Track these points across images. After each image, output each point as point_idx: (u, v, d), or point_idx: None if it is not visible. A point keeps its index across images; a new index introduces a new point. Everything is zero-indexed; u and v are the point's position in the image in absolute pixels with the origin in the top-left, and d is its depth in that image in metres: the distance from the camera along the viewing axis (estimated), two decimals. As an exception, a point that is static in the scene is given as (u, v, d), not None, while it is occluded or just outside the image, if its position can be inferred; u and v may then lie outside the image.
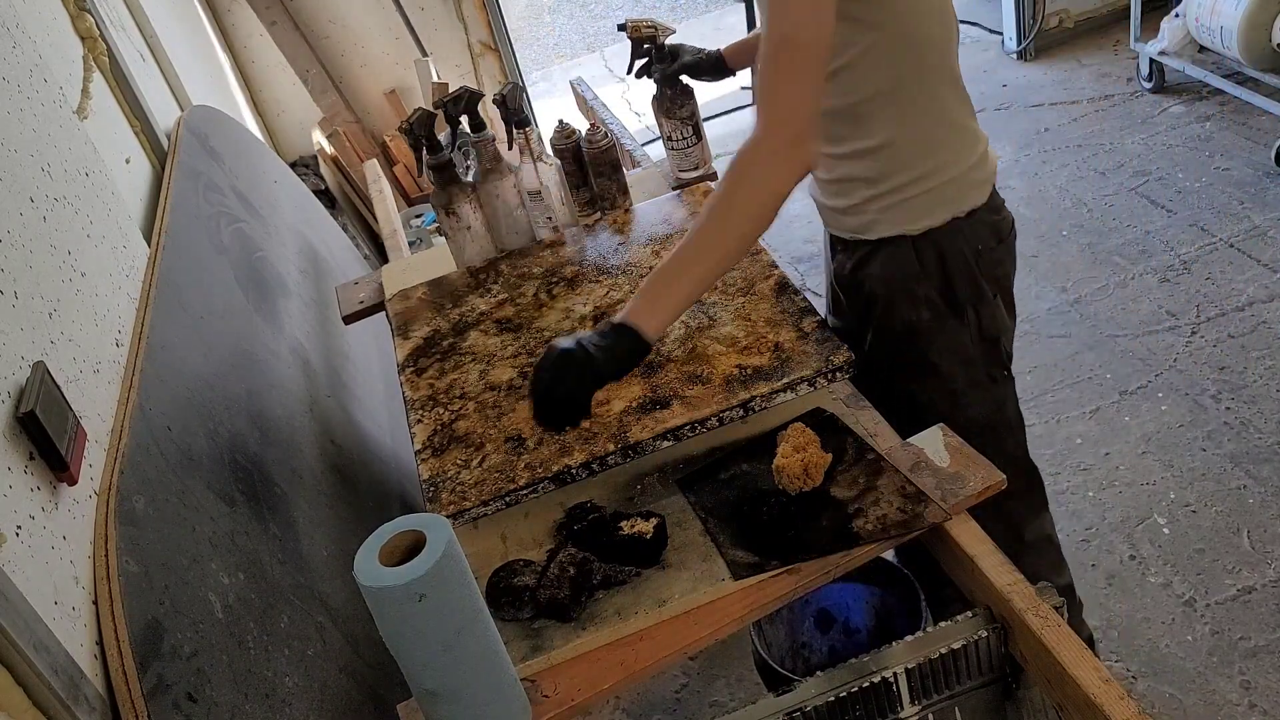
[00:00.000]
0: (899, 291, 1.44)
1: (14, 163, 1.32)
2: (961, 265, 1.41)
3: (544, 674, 1.15)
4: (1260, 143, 3.37)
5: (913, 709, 1.16)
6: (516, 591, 1.21)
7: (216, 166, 2.26)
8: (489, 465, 1.34)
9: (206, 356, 1.62)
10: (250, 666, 1.17)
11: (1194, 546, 2.15)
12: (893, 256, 1.43)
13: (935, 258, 1.41)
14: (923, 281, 1.42)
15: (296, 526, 1.53)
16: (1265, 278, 2.82)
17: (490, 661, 1.02)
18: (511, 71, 4.10)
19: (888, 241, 1.42)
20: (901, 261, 1.42)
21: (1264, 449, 2.32)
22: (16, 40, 1.51)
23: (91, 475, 1.18)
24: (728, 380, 1.36)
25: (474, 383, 1.51)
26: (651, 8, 6.95)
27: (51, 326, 1.24)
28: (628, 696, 2.11)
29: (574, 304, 1.63)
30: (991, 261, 1.44)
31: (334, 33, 3.85)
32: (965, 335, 1.46)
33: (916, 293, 1.43)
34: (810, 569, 1.19)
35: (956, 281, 1.42)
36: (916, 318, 1.45)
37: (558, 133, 1.84)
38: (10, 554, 0.95)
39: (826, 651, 1.74)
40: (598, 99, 2.51)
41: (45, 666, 0.90)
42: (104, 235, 1.55)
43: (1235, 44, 3.30)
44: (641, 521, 1.25)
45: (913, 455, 1.29)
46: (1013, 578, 1.14)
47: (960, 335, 1.46)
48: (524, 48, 6.58)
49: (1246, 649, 1.94)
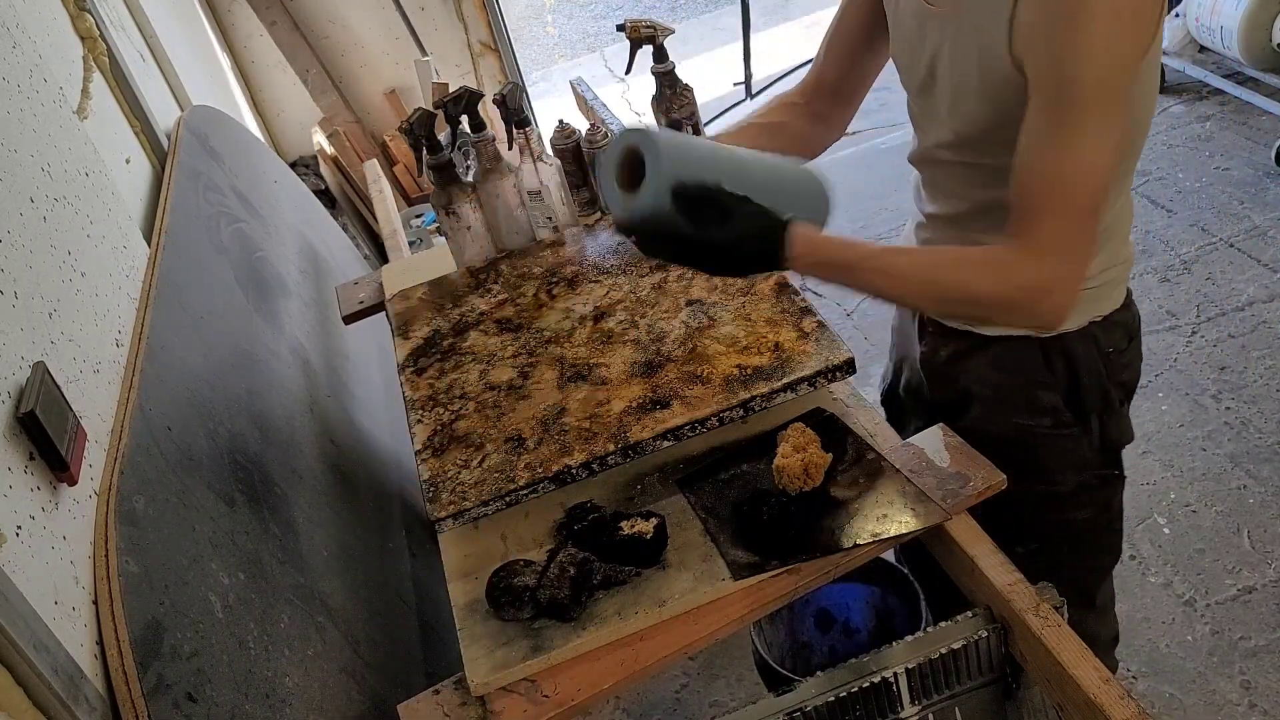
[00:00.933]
0: (1014, 397, 1.29)
1: (14, 163, 1.32)
2: (1092, 372, 1.26)
3: (544, 674, 1.15)
4: (1260, 142, 3.37)
5: (913, 709, 1.16)
6: (516, 591, 1.21)
7: (216, 166, 2.26)
8: (489, 465, 1.34)
9: (206, 356, 1.62)
10: (250, 666, 1.17)
11: (1194, 546, 2.15)
12: (1011, 358, 1.27)
13: (1064, 364, 1.26)
14: (1046, 389, 1.27)
15: (296, 526, 1.53)
16: (1265, 278, 2.82)
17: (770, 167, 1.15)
18: (511, 71, 4.10)
19: (1005, 339, 1.27)
20: (1022, 365, 1.27)
21: (1264, 449, 2.32)
22: (16, 40, 1.51)
23: (91, 475, 1.18)
24: (728, 380, 1.36)
25: (474, 383, 1.51)
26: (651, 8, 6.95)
27: (51, 326, 1.24)
28: (628, 696, 2.11)
29: (574, 304, 1.63)
30: (1120, 365, 1.29)
31: (334, 33, 3.85)
32: (1085, 444, 1.31)
33: (1038, 400, 1.28)
34: (810, 569, 1.19)
35: (1084, 390, 1.27)
36: (1032, 425, 1.30)
37: (558, 133, 1.84)
38: (10, 554, 0.95)
39: (826, 651, 1.74)
40: (598, 99, 2.51)
41: (45, 666, 0.90)
42: (104, 235, 1.55)
43: (1235, 44, 3.31)
44: (641, 521, 1.25)
45: (913, 455, 1.29)
46: (1013, 577, 1.14)
47: (1080, 445, 1.31)
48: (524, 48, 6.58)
49: (1247, 649, 1.94)
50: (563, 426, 1.36)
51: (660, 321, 1.51)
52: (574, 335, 1.55)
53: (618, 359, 1.46)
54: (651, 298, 1.58)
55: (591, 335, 1.54)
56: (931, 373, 1.41)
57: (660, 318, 1.52)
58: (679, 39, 1.82)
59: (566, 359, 1.50)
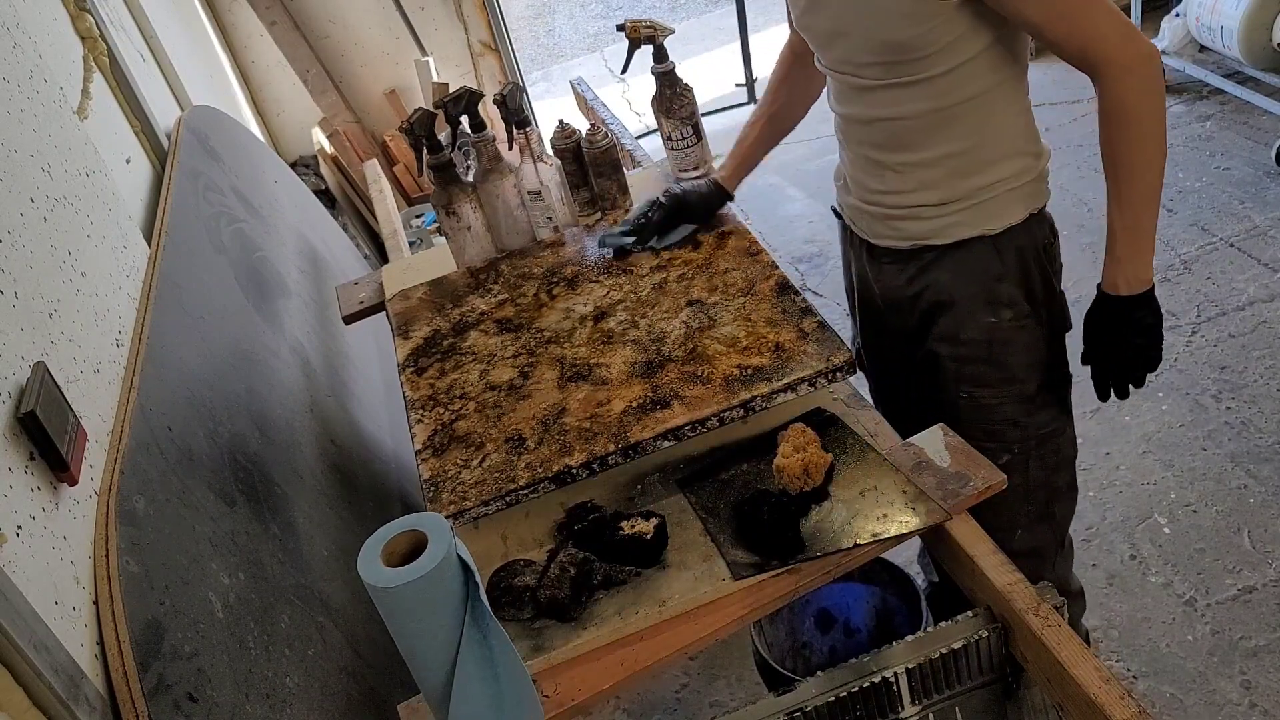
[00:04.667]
0: (978, 295, 1.41)
1: (14, 163, 1.32)
2: (1036, 262, 1.40)
3: (544, 674, 1.15)
4: (1261, 142, 3.37)
5: (913, 709, 1.16)
6: (517, 591, 1.21)
7: (216, 166, 2.26)
8: (489, 465, 1.34)
9: (207, 356, 1.62)
10: (251, 666, 1.17)
11: (1194, 546, 2.15)
12: (969, 259, 1.39)
13: (1015, 256, 1.38)
14: (1005, 281, 1.39)
15: (297, 526, 1.53)
16: (1265, 277, 2.82)
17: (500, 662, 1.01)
18: (511, 71, 4.10)
19: (961, 245, 1.39)
20: (981, 263, 1.39)
21: (1264, 449, 2.32)
22: (17, 40, 1.51)
23: (92, 475, 1.18)
24: (728, 380, 1.36)
25: (474, 383, 1.51)
26: (651, 8, 6.95)
27: (52, 327, 1.24)
28: (628, 696, 2.11)
29: (574, 304, 1.63)
30: (1052, 256, 1.43)
31: (334, 33, 3.85)
32: (1040, 335, 1.43)
33: (999, 293, 1.40)
34: (810, 569, 1.19)
35: (1033, 279, 1.40)
36: (997, 319, 1.41)
37: (558, 133, 1.84)
38: (10, 554, 0.95)
39: (827, 651, 1.74)
40: (598, 99, 2.51)
41: (46, 666, 0.90)
42: (104, 235, 1.55)
43: (1236, 43, 3.31)
44: (642, 521, 1.25)
45: (913, 455, 1.29)
46: (1013, 577, 1.14)
47: (1036, 335, 1.43)
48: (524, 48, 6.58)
49: (1247, 649, 1.93)
50: (563, 426, 1.36)
51: (661, 321, 1.51)
52: (574, 335, 1.55)
53: (618, 359, 1.46)
54: (652, 298, 1.58)
55: (592, 335, 1.54)
56: (894, 301, 1.51)
57: (661, 318, 1.52)
58: (679, 39, 1.83)
59: (567, 359, 1.50)
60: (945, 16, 1.22)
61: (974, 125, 1.32)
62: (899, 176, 1.39)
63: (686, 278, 1.61)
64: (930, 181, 1.37)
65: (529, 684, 1.04)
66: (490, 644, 0.99)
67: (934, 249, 1.41)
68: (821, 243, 3.54)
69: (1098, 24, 1.18)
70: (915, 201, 1.39)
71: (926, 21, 1.23)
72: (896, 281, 1.48)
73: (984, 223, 1.37)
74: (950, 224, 1.38)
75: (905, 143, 1.36)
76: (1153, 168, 1.23)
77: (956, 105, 1.30)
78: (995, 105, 1.32)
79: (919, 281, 1.45)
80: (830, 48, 1.37)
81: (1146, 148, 1.22)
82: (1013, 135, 1.35)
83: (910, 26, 1.24)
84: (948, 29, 1.23)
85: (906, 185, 1.39)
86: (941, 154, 1.34)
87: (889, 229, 1.45)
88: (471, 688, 0.99)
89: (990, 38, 1.26)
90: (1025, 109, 1.36)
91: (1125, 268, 1.29)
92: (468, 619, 0.96)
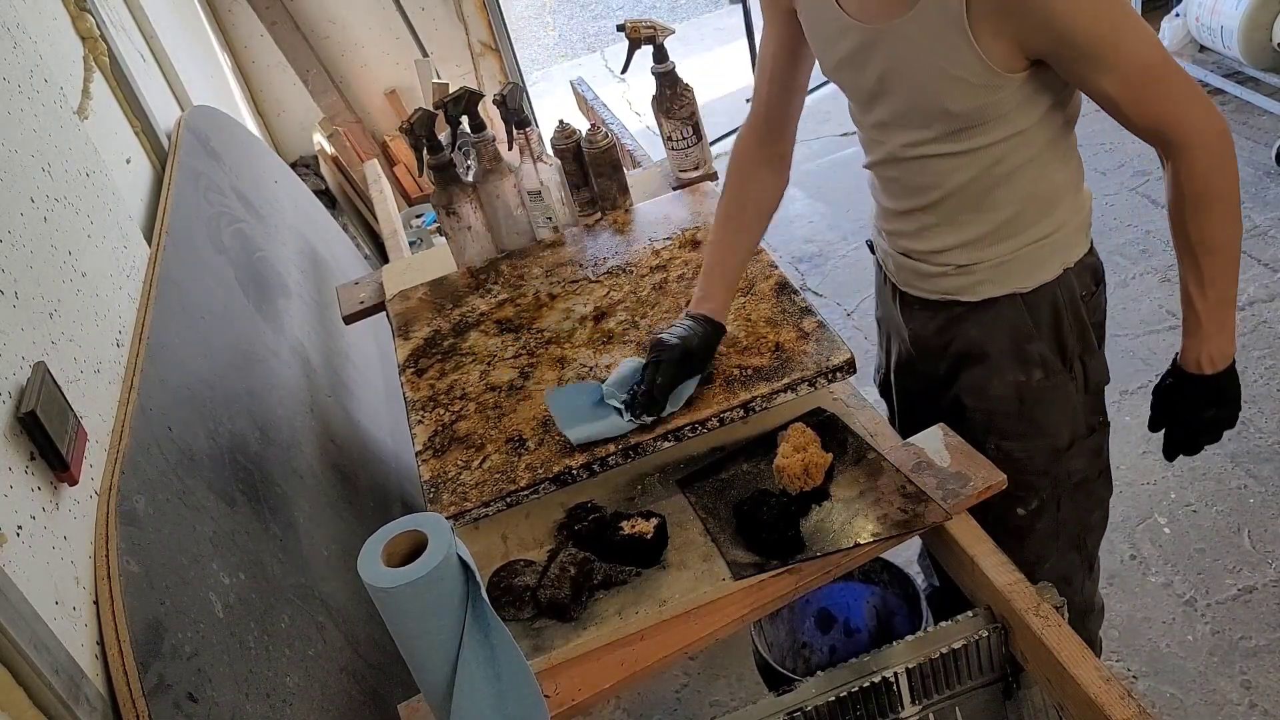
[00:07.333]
0: (1008, 352, 1.33)
1: (14, 163, 1.33)
2: (1072, 316, 1.32)
3: (544, 674, 1.15)
4: (1260, 142, 3.37)
5: (913, 709, 1.16)
6: (517, 591, 1.21)
7: (217, 166, 2.26)
8: (490, 466, 1.34)
9: (207, 356, 1.62)
10: (251, 666, 1.17)
11: (1194, 546, 2.15)
12: (1000, 316, 1.32)
13: (1049, 313, 1.31)
14: (1035, 340, 1.32)
15: (297, 526, 1.53)
16: (1265, 278, 2.82)
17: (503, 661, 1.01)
18: (511, 71, 4.10)
19: (992, 301, 1.32)
20: (1011, 321, 1.32)
21: (1264, 449, 2.32)
22: (17, 40, 1.51)
23: (92, 475, 1.18)
24: (728, 380, 1.36)
25: (474, 383, 1.51)
26: (651, 8, 6.95)
27: (52, 326, 1.24)
28: (628, 696, 2.11)
29: (574, 304, 1.63)
30: (1093, 307, 1.35)
31: (334, 33, 3.85)
32: (1073, 390, 1.36)
33: (1027, 353, 1.33)
34: (810, 569, 1.19)
35: (1067, 335, 1.33)
36: (1026, 379, 1.34)
37: (558, 133, 1.84)
38: (11, 554, 0.95)
39: (827, 651, 1.74)
40: (598, 99, 2.51)
41: (46, 666, 0.90)
42: (104, 235, 1.55)
43: (1236, 44, 3.30)
44: (642, 521, 1.25)
45: (913, 455, 1.29)
46: (1013, 577, 1.14)
47: (1069, 391, 1.36)
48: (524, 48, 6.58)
49: (1247, 649, 1.94)
50: (563, 426, 1.36)
51: (661, 322, 1.51)
52: (574, 336, 1.55)
53: (618, 359, 1.46)
54: (652, 298, 1.58)
55: (592, 335, 1.54)
56: (923, 348, 1.44)
57: (661, 318, 1.53)
58: (679, 39, 1.82)
59: (567, 359, 1.50)
60: (1016, 85, 1.14)
61: (1020, 192, 1.24)
62: (935, 239, 1.31)
63: (686, 278, 1.61)
64: (964, 243, 1.29)
65: (533, 683, 1.04)
66: (492, 643, 0.99)
67: (962, 303, 1.35)
68: (821, 243, 3.54)
69: (1178, 102, 1.10)
70: (946, 261, 1.32)
71: (995, 93, 1.14)
72: (926, 330, 1.42)
73: (1015, 282, 1.30)
74: (978, 283, 1.31)
75: (946, 214, 1.28)
76: (1235, 241, 1.17)
77: (1005, 173, 1.22)
78: (1045, 169, 1.24)
79: (948, 332, 1.38)
80: (871, 108, 1.26)
81: (1229, 224, 1.16)
82: (1055, 194, 1.27)
83: (977, 96, 1.14)
84: (1012, 97, 1.15)
85: (940, 244, 1.31)
86: (985, 223, 1.27)
87: (917, 278, 1.38)
88: (474, 687, 0.99)
89: (1050, 102, 1.19)
90: (1069, 157, 1.27)
91: (1211, 345, 1.22)
92: (469, 619, 0.96)
